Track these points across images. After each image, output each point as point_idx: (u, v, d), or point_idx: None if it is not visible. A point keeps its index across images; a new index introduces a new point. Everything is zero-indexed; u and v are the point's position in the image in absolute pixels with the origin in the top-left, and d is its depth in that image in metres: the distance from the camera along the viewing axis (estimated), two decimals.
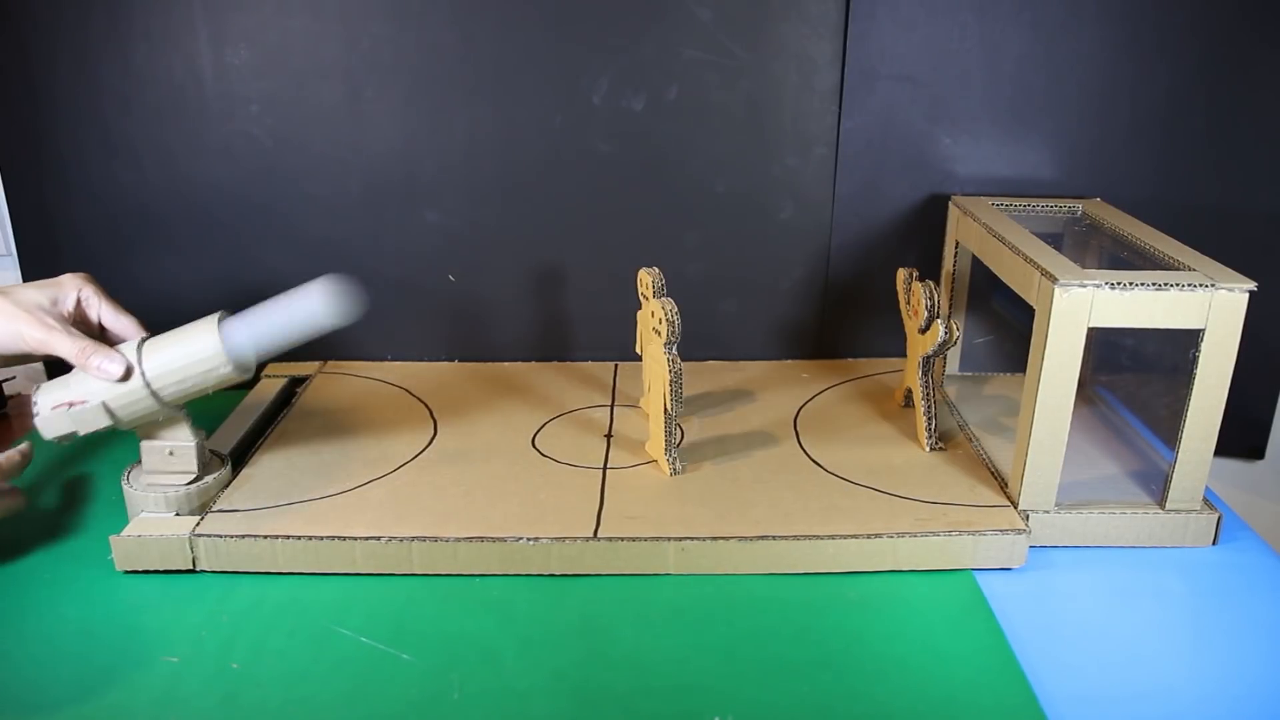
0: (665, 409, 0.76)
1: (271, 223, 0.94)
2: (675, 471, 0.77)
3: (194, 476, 0.73)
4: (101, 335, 0.73)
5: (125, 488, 0.73)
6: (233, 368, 0.69)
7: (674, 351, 0.74)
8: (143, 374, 0.68)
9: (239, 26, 0.88)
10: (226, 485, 0.76)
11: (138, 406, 0.69)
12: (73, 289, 0.72)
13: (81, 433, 0.69)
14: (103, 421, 0.69)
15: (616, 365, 0.98)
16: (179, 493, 0.72)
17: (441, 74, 0.89)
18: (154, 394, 0.68)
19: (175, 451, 0.72)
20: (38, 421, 0.69)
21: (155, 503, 0.72)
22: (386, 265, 0.96)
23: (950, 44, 0.88)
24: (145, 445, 0.72)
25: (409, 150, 0.92)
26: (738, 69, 0.89)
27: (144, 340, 0.70)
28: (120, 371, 0.68)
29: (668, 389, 0.75)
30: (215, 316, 0.70)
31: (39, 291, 0.70)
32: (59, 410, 0.68)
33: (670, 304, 0.74)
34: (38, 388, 0.70)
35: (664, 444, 0.77)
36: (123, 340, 0.72)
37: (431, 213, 0.94)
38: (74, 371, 0.69)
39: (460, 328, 0.99)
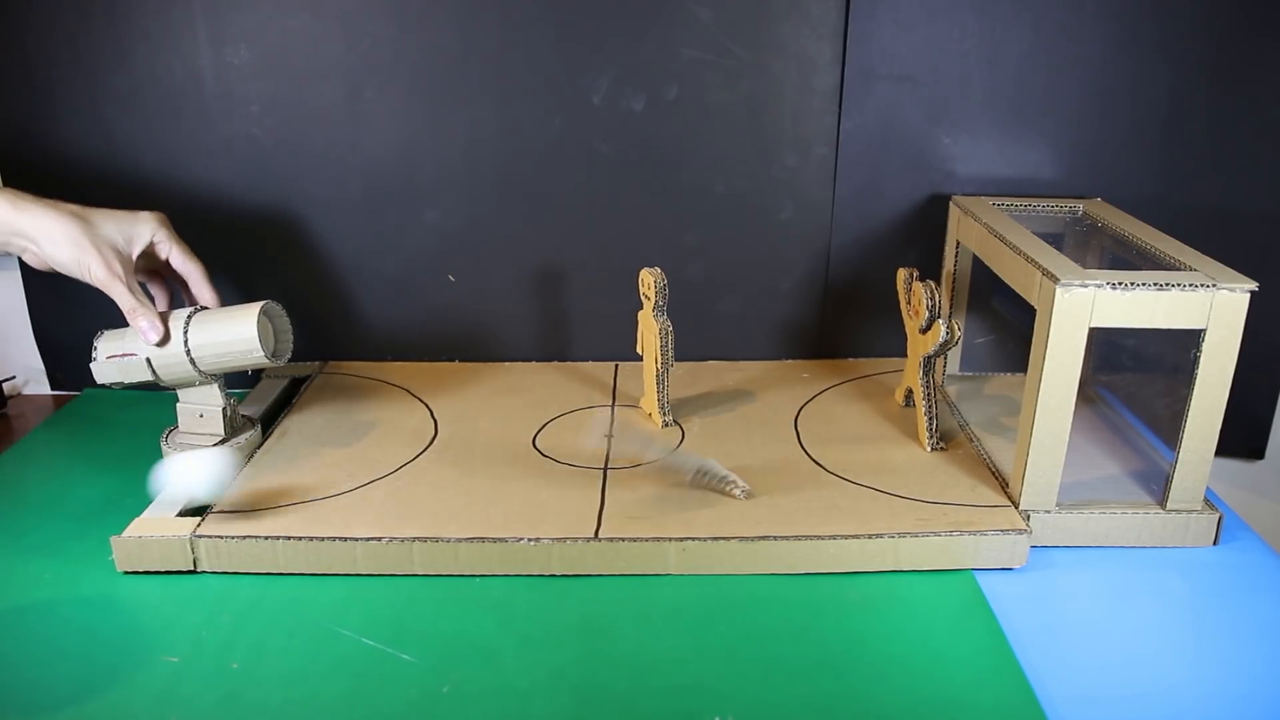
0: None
1: (271, 223, 0.94)
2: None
3: (221, 438, 0.79)
4: (167, 272, 0.80)
5: (164, 447, 0.80)
6: (266, 356, 0.75)
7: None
8: (186, 342, 0.75)
9: (239, 26, 0.88)
10: (258, 447, 0.81)
11: (178, 370, 0.76)
12: (148, 230, 0.77)
13: (126, 382, 0.77)
14: (145, 375, 0.76)
15: (616, 365, 0.98)
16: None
17: (441, 74, 0.89)
18: (193, 362, 0.76)
19: (205, 414, 0.79)
20: (93, 366, 0.77)
21: None
22: (386, 265, 0.96)
23: (950, 44, 0.88)
24: (181, 407, 0.79)
25: (409, 150, 0.92)
26: (738, 69, 0.89)
27: (195, 311, 0.77)
28: (157, 338, 0.75)
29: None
30: (259, 305, 0.76)
31: (116, 227, 0.75)
32: (113, 360, 0.76)
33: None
34: (101, 333, 0.78)
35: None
36: (186, 280, 0.79)
37: (431, 213, 0.94)
38: (130, 327, 0.76)
39: (460, 328, 0.99)
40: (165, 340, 0.75)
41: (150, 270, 0.80)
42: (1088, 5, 0.86)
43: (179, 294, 0.81)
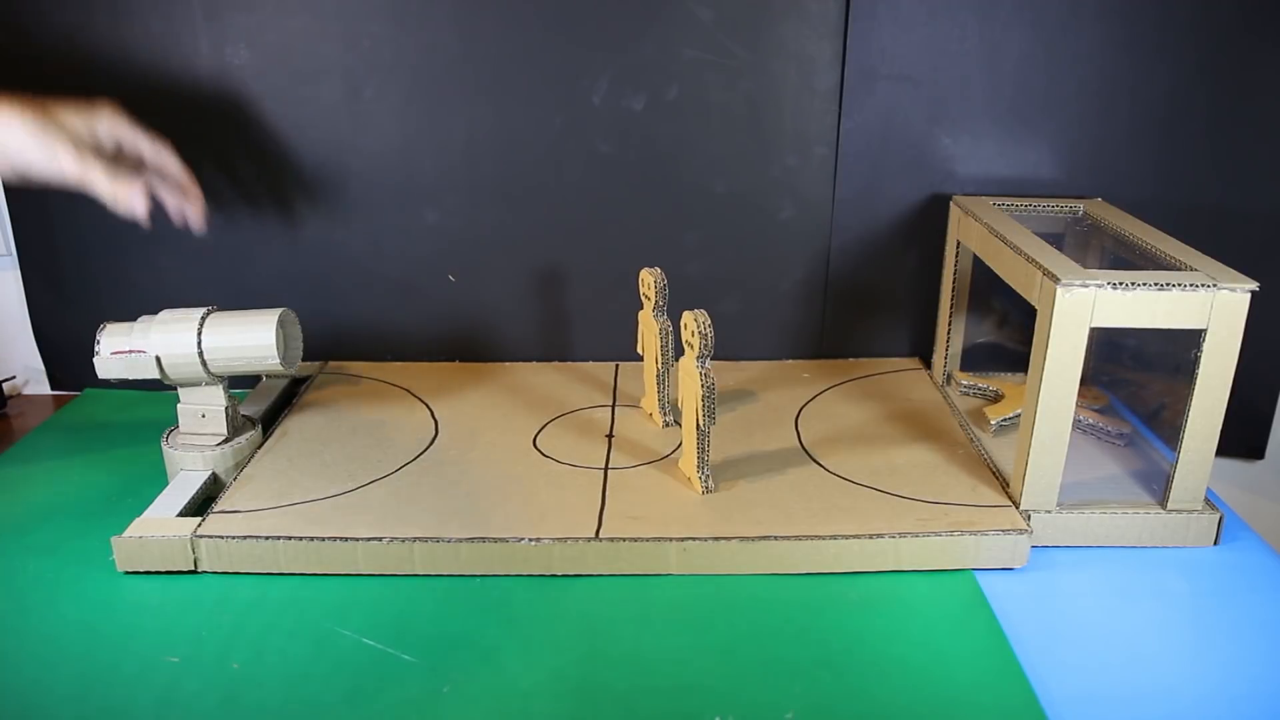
0: (698, 424, 0.73)
1: (271, 223, 0.94)
2: (707, 489, 0.74)
3: (224, 438, 0.78)
4: (136, 168, 0.77)
5: (165, 448, 0.78)
6: (280, 362, 0.76)
7: (707, 365, 0.71)
8: (199, 342, 0.75)
9: (239, 26, 0.88)
10: (258, 446, 0.81)
11: (187, 370, 0.76)
12: (108, 120, 0.74)
13: (129, 378, 0.76)
14: (152, 372, 0.75)
15: (617, 365, 0.98)
16: (214, 452, 0.77)
17: (441, 74, 0.89)
18: (204, 364, 0.75)
19: (207, 414, 0.78)
20: (97, 361, 0.75)
21: (193, 461, 0.77)
22: (386, 265, 0.96)
23: (950, 44, 0.88)
24: (182, 408, 0.78)
25: (409, 150, 0.92)
26: (738, 69, 0.89)
27: (210, 311, 0.76)
28: (143, 210, 0.72)
29: (700, 404, 0.71)
30: (278, 312, 0.76)
31: (78, 118, 0.73)
32: (118, 355, 0.75)
33: (704, 316, 0.70)
34: (104, 326, 0.76)
35: (695, 460, 0.74)
36: (159, 170, 0.77)
37: (431, 213, 0.94)
38: (139, 321, 0.75)
39: (460, 328, 0.99)
40: (153, 216, 0.73)
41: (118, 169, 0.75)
42: (1088, 5, 0.86)
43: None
